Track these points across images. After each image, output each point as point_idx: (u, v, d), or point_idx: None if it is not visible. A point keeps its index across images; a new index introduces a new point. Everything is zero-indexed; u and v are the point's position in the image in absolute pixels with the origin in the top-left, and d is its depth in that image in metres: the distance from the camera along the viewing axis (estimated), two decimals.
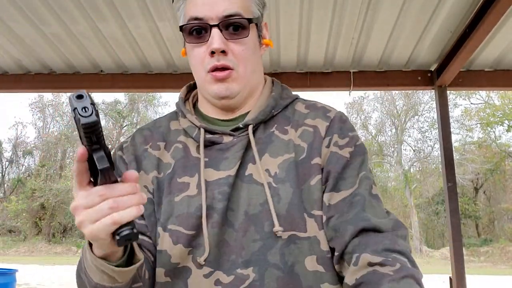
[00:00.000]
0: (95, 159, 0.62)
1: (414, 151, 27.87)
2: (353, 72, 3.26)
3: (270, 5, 2.58)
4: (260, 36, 0.98)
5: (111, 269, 0.73)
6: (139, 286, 0.84)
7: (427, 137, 27.12)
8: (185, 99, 1.04)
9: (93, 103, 0.58)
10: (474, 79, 3.21)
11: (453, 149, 3.21)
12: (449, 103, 3.23)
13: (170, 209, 0.89)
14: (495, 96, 25.31)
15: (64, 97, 29.64)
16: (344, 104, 29.59)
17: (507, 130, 25.03)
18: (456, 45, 2.80)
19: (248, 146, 0.91)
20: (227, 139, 0.92)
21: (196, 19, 0.90)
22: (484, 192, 26.25)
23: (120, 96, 30.16)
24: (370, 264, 0.77)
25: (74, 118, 0.58)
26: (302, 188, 0.88)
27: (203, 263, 0.84)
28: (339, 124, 0.94)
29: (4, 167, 29.62)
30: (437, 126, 3.23)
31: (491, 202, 25.81)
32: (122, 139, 29.46)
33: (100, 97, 30.70)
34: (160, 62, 3.22)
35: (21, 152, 29.75)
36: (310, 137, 0.93)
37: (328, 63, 3.21)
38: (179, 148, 0.96)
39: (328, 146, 0.92)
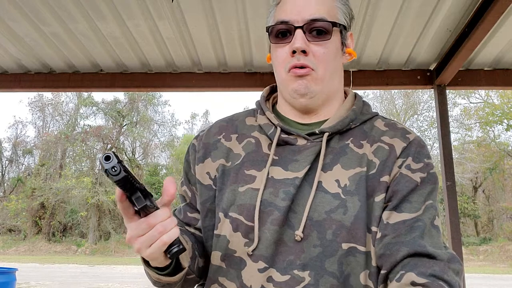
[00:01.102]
0: (133, 200, 0.73)
1: None
2: (352, 71, 3.27)
3: (269, 5, 2.59)
4: (343, 44, 1.02)
5: (162, 278, 0.85)
6: (193, 277, 0.94)
7: (426, 136, 27.08)
8: (266, 98, 1.07)
9: (120, 161, 0.67)
10: (473, 78, 3.22)
11: (452, 148, 3.21)
12: (448, 102, 3.23)
13: (232, 198, 0.93)
14: (494, 95, 25.32)
15: (64, 96, 29.62)
16: None
17: (506, 129, 25.02)
18: (455, 44, 2.81)
19: (320, 153, 0.92)
20: (301, 141, 0.94)
21: (283, 22, 0.95)
22: (483, 191, 26.23)
23: (120, 95, 30.14)
24: (413, 284, 0.76)
25: (107, 177, 0.68)
26: (368, 203, 0.89)
27: (251, 253, 0.88)
28: (417, 148, 0.94)
29: (4, 166, 29.63)
30: (436, 125, 3.23)
31: (490, 201, 25.80)
32: (121, 139, 29.60)
33: (100, 96, 30.68)
34: (160, 61, 3.22)
35: (21, 151, 29.73)
36: (384, 154, 0.93)
37: None
38: (252, 143, 0.99)
39: (400, 167, 0.92)
